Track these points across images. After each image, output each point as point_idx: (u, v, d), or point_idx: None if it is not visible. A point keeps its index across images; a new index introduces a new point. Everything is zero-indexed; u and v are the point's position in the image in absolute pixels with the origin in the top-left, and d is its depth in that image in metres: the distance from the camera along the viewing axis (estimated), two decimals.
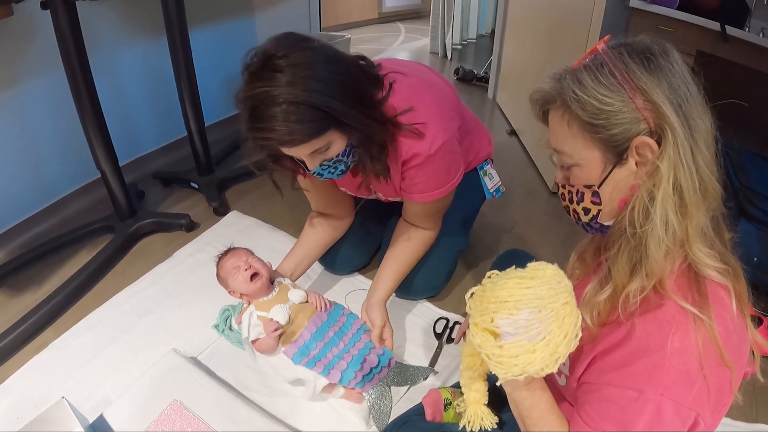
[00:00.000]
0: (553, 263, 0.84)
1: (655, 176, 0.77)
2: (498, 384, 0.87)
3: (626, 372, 0.77)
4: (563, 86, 0.82)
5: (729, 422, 1.46)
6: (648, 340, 0.76)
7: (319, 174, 1.35)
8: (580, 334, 0.81)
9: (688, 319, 0.75)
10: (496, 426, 1.02)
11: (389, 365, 1.51)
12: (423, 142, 1.40)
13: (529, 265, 0.83)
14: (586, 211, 0.90)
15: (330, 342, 1.48)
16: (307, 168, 1.32)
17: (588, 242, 1.05)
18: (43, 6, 1.74)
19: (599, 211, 0.88)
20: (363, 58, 1.39)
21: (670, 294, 0.77)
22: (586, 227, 0.94)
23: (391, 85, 1.39)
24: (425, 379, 1.55)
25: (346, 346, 1.49)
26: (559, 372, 0.97)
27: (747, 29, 2.13)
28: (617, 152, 0.81)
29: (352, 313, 1.61)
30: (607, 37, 0.84)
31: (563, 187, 0.93)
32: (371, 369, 1.46)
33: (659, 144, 0.76)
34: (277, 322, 1.45)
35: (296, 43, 1.20)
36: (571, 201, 0.92)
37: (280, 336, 1.47)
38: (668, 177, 0.76)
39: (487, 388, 1.02)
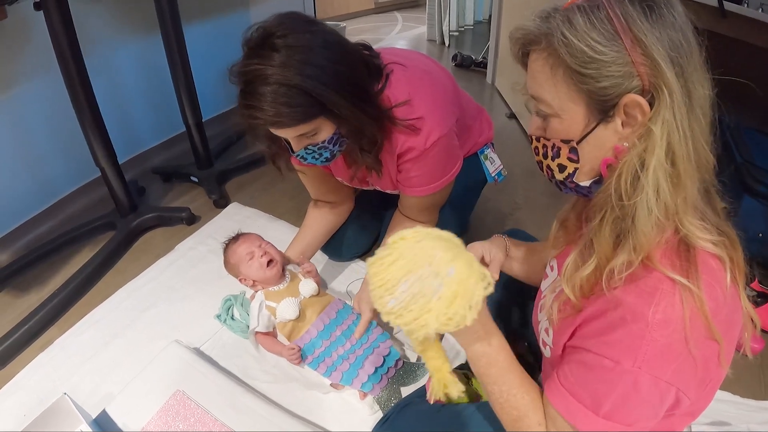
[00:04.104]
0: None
1: (647, 140, 0.70)
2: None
3: (605, 340, 0.74)
4: (551, 26, 0.73)
5: (738, 400, 1.45)
6: (629, 309, 0.72)
7: (302, 157, 1.33)
8: (486, 272, 0.81)
9: (675, 289, 0.70)
10: (463, 393, 0.97)
11: (396, 366, 1.49)
12: (419, 136, 1.38)
13: (386, 241, 0.84)
14: (561, 168, 0.83)
15: (336, 341, 1.48)
16: (292, 149, 1.31)
17: (570, 208, 1.00)
18: (36, 7, 1.73)
19: (576, 169, 0.81)
20: (367, 47, 1.36)
21: (657, 265, 0.72)
22: (560, 185, 0.87)
23: (387, 76, 1.37)
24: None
25: (352, 347, 1.48)
26: (544, 343, 0.95)
27: (746, 5, 2.10)
28: (603, 108, 0.73)
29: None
30: None
31: (537, 140, 0.85)
32: (376, 369, 1.44)
33: (651, 105, 0.70)
34: (297, 352, 1.46)
35: (298, 24, 1.18)
36: (545, 156, 0.85)
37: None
38: (662, 142, 0.69)
39: (443, 354, 0.95)
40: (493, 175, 1.82)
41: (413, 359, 1.56)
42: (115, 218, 2.20)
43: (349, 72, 1.23)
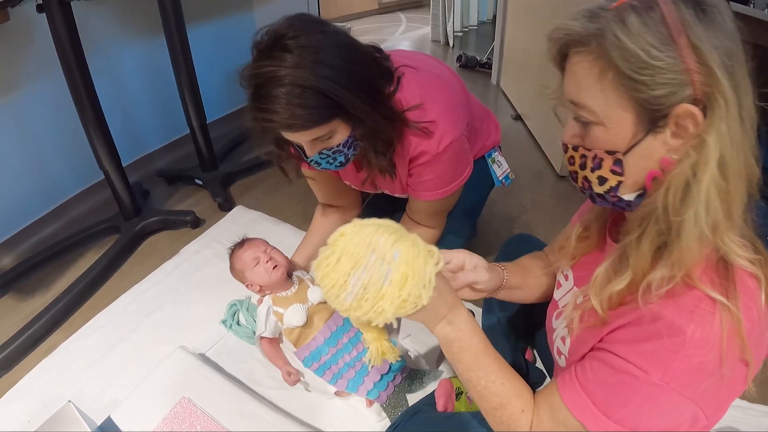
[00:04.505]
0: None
1: (700, 152, 0.65)
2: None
3: (636, 348, 0.71)
4: (603, 27, 0.67)
5: (746, 405, 1.44)
6: (667, 323, 0.69)
7: (316, 163, 1.30)
8: (433, 248, 0.81)
9: (714, 309, 0.67)
10: (400, 359, 0.96)
11: (402, 373, 1.48)
12: (431, 140, 1.36)
13: (328, 241, 0.84)
14: (602, 180, 0.76)
15: (343, 348, 1.47)
16: (305, 155, 1.28)
17: (594, 217, 0.94)
18: (39, 9, 1.72)
19: (619, 182, 0.75)
20: (378, 50, 1.34)
21: (696, 283, 0.68)
22: (597, 198, 0.80)
23: (399, 79, 1.34)
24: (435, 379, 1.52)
25: (359, 354, 1.47)
26: (559, 352, 0.94)
27: (752, 5, 2.09)
28: (653, 118, 0.67)
29: None
30: None
31: (574, 149, 0.78)
32: (382, 376, 1.43)
33: (704, 114, 0.65)
34: (298, 376, 1.46)
35: (309, 25, 1.15)
36: (582, 167, 0.78)
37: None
38: (716, 155, 0.65)
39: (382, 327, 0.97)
40: (500, 178, 1.81)
41: (420, 366, 1.55)
42: (120, 221, 2.19)
43: (363, 73, 1.21)
